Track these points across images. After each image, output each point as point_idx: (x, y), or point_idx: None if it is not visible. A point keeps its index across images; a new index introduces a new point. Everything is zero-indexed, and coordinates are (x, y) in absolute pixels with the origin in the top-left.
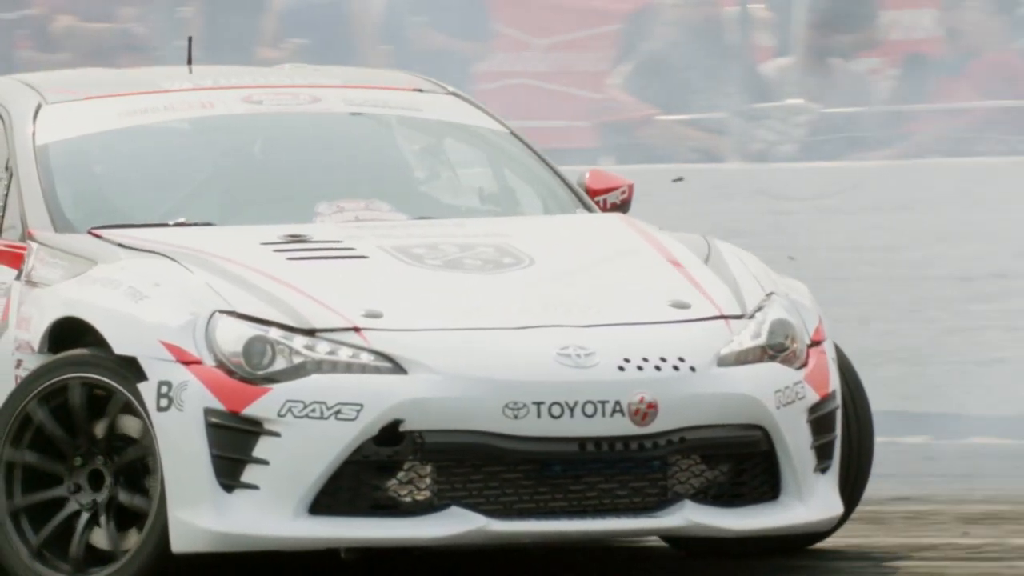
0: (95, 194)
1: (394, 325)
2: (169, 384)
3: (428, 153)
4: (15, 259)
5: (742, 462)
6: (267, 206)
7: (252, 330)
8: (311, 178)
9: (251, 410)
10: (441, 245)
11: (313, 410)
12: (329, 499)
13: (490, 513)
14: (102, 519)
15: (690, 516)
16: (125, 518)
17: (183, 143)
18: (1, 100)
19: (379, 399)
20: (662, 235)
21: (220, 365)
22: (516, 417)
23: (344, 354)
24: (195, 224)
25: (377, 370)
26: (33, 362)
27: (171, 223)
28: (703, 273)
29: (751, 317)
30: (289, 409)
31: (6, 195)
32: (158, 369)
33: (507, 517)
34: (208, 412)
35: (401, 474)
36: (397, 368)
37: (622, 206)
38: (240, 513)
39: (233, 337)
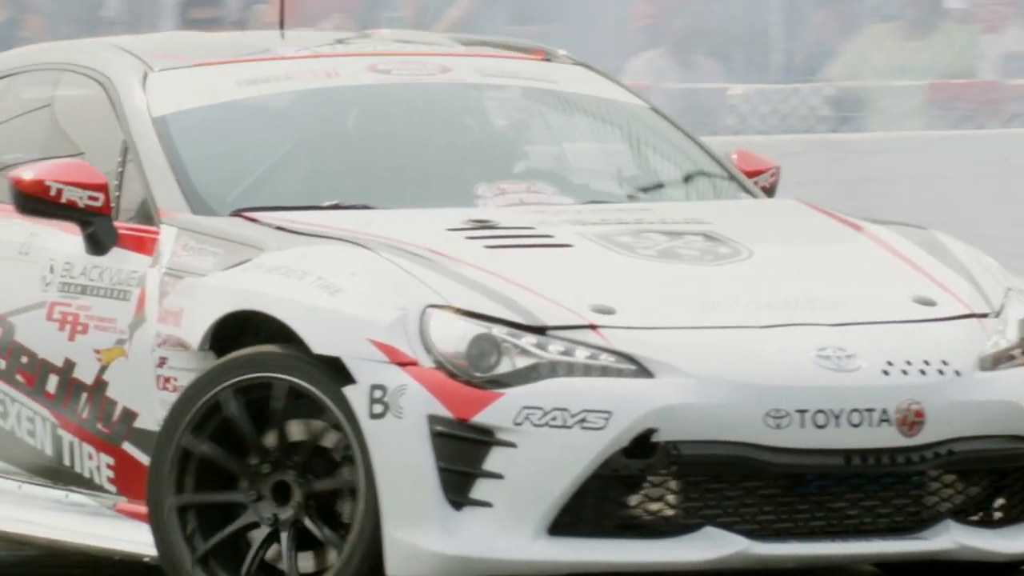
0: (226, 172)
1: (632, 322)
2: (383, 388)
3: (560, 127)
4: (143, 244)
5: (1002, 477)
6: (420, 187)
7: (475, 327)
8: (459, 156)
9: (482, 417)
10: (644, 233)
11: (554, 418)
12: (571, 518)
13: (748, 534)
14: (283, 536)
15: (958, 538)
16: (307, 537)
17: (311, 115)
18: (97, 67)
19: (630, 406)
20: (869, 223)
21: (440, 367)
22: (778, 427)
23: (581, 355)
24: (351, 207)
25: (620, 373)
26: (183, 361)
27: (325, 205)
28: (933, 265)
29: (997, 315)
30: (527, 417)
31: (121, 172)
32: (369, 371)
33: (767, 538)
34: (432, 420)
35: (649, 490)
36: (642, 371)
37: (770, 190)
38: (471, 533)
39: (454, 335)
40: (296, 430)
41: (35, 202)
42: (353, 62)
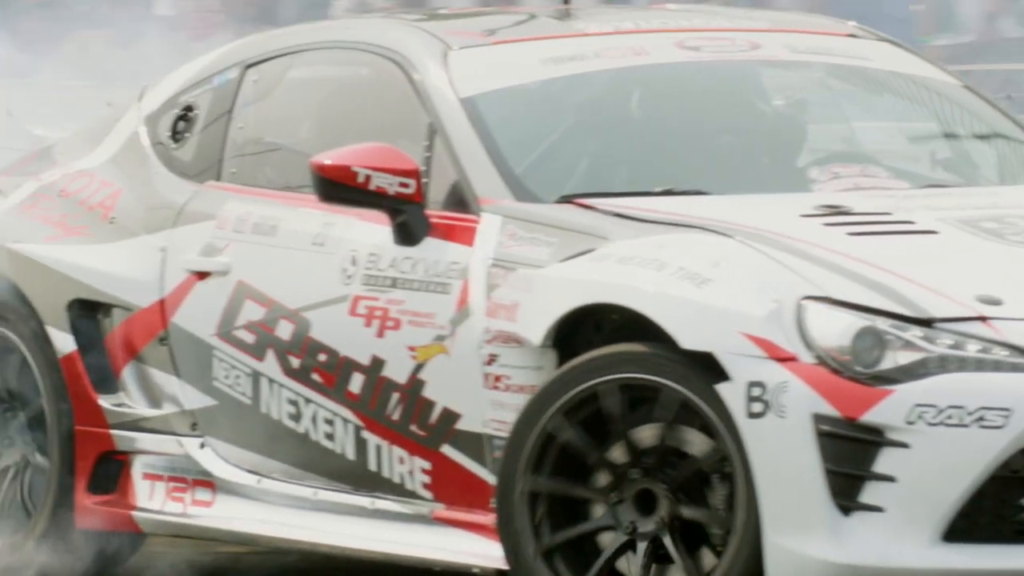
0: (543, 156)
1: (1022, 314)
2: (762, 385)
3: (872, 107)
4: (460, 233)
5: None
6: (747, 171)
7: (858, 320)
8: (778, 137)
9: (871, 416)
10: (1007, 218)
11: (950, 416)
12: (967, 523)
13: None
14: (639, 548)
15: None
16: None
17: (623, 96)
18: (390, 45)
19: None
20: None
21: (821, 362)
22: None
23: (972, 348)
24: (685, 192)
25: (1015, 368)
26: (518, 358)
27: (656, 191)
28: None
29: None
30: (920, 415)
31: (428, 157)
32: (745, 367)
33: None
34: (818, 419)
35: None
36: None
37: None
38: (862, 540)
39: (835, 328)
40: (674, 437)
41: (339, 189)
42: (661, 38)
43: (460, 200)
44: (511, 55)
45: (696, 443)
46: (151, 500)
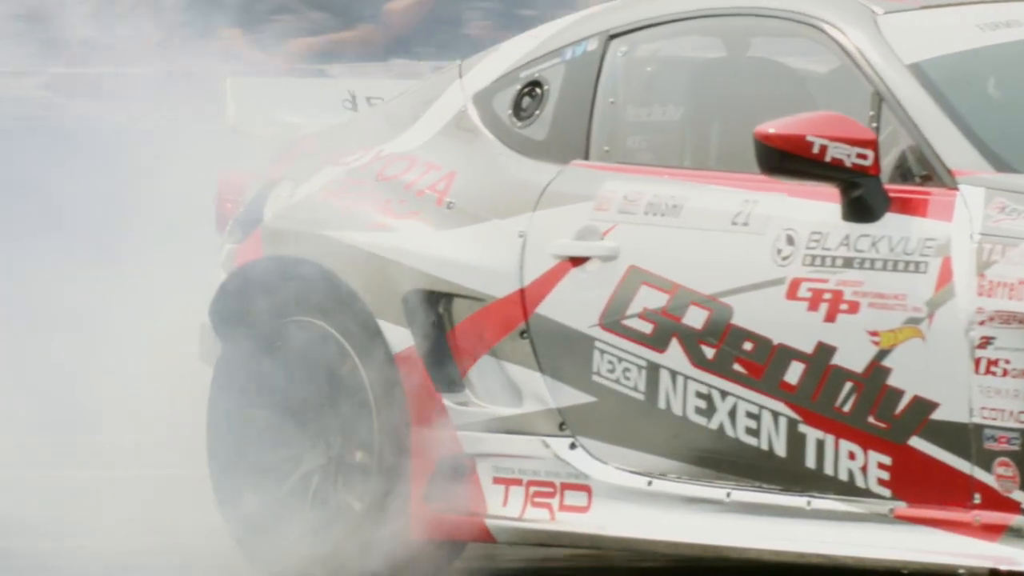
0: (1005, 124)
1: None
2: None
3: None
4: (930, 207)
5: None
6: None
7: None
8: None
9: None
10: None
11: None
12: None
13: None
14: None
15: None
16: None
17: None
18: (805, 10)
19: None
20: None
21: None
22: None
23: None
24: None
25: None
26: (1019, 340)
27: None
28: None
29: None
30: None
31: (875, 127)
32: None
33: None
34: None
35: None
36: None
37: None
38: None
39: None
40: None
41: (790, 160)
42: None
43: (909, 171)
44: (944, 20)
45: None
46: (506, 507)
